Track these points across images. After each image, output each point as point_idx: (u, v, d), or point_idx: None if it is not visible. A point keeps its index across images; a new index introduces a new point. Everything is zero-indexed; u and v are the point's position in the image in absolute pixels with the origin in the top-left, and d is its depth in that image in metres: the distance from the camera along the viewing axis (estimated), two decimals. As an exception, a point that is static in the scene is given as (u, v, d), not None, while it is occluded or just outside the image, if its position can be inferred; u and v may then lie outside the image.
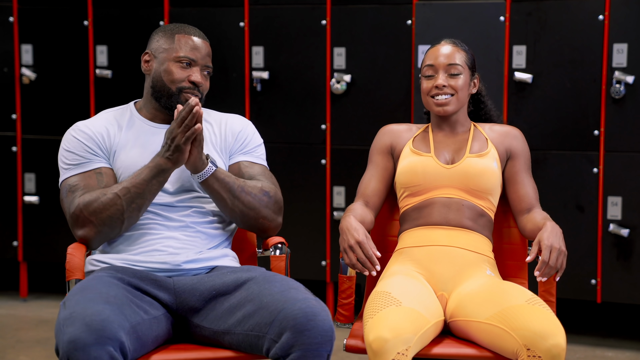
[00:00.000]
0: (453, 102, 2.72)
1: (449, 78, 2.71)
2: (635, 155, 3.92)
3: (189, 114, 2.44)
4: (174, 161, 2.47)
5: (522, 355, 2.34)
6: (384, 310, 2.39)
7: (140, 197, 2.48)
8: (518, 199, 2.75)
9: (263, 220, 2.60)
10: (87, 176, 2.55)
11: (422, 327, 2.39)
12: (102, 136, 2.60)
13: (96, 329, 2.14)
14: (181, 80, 2.60)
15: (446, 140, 2.76)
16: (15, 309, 4.66)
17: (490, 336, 2.43)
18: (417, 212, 2.71)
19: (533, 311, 2.39)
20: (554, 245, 2.52)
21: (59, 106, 4.67)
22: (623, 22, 3.89)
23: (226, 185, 2.53)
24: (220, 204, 2.56)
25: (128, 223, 2.50)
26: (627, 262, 3.95)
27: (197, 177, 2.52)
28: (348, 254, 2.55)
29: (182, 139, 2.44)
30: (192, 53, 2.61)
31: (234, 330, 2.37)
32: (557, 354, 2.31)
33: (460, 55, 2.73)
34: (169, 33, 2.64)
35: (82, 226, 2.49)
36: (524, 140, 2.80)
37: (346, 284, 2.66)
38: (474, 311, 2.48)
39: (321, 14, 4.28)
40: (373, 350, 2.33)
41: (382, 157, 2.79)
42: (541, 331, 2.33)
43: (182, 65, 2.60)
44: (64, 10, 4.63)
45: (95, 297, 2.25)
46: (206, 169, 2.51)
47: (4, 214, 4.77)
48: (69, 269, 2.47)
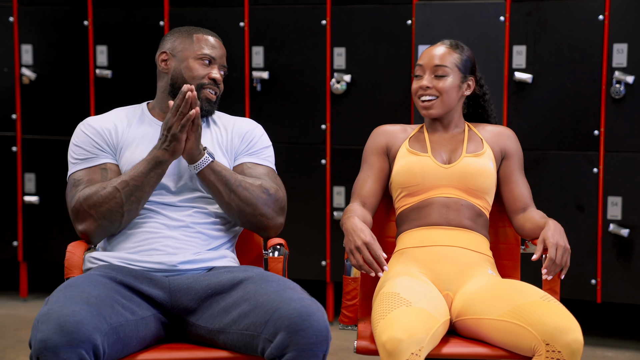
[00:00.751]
0: (437, 105, 2.72)
1: (435, 79, 2.71)
2: (635, 155, 3.92)
3: (182, 100, 2.45)
4: (170, 152, 2.48)
5: (541, 351, 2.34)
6: (395, 311, 2.39)
7: (139, 190, 2.49)
8: (513, 199, 2.76)
9: (261, 218, 2.59)
10: (92, 171, 2.57)
11: (432, 327, 2.39)
12: (109, 132, 2.62)
13: (69, 331, 2.14)
14: (202, 76, 2.64)
15: (442, 141, 2.77)
16: (15, 309, 4.67)
17: (504, 333, 2.43)
18: (415, 213, 2.71)
19: (550, 307, 2.39)
20: (559, 242, 2.55)
21: (59, 106, 4.67)
22: (623, 22, 3.89)
23: (222, 178, 2.53)
24: (217, 198, 2.56)
25: (128, 216, 2.51)
26: (627, 262, 3.95)
27: (194, 168, 2.52)
28: (355, 255, 2.52)
29: (177, 127, 2.46)
30: (213, 51, 2.67)
31: (229, 329, 2.36)
32: (577, 349, 2.32)
33: (451, 57, 2.72)
34: (186, 34, 2.68)
35: (83, 220, 2.50)
36: (517, 140, 2.80)
37: (351, 286, 2.65)
38: (485, 309, 2.49)
39: (321, 14, 4.28)
40: (387, 351, 2.32)
41: (378, 157, 2.79)
42: (560, 326, 2.34)
43: (204, 63, 2.65)
44: (64, 10, 4.63)
45: (76, 297, 2.25)
46: (202, 159, 2.51)
47: (4, 214, 4.77)
48: (67, 266, 2.49)
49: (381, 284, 2.62)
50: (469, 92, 2.78)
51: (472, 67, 2.78)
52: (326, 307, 4.39)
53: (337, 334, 4.06)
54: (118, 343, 2.27)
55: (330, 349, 3.98)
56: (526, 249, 2.80)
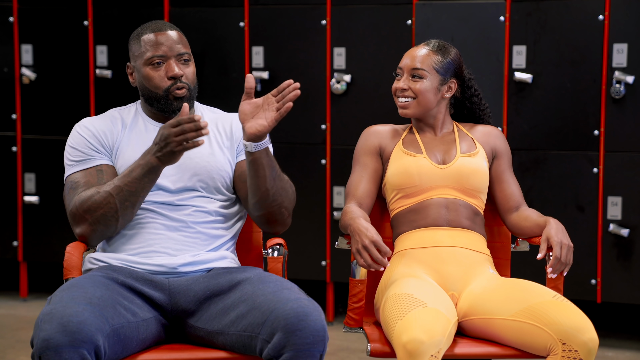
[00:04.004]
0: (413, 106, 2.72)
1: (412, 81, 2.72)
2: (635, 155, 3.92)
3: (191, 122, 2.35)
4: (164, 162, 2.42)
5: (556, 350, 2.36)
6: (413, 312, 2.38)
7: (133, 195, 2.46)
8: (505, 198, 2.77)
9: (284, 210, 2.56)
10: (89, 173, 2.55)
11: (447, 327, 2.39)
12: (104, 133, 2.60)
13: (71, 331, 2.15)
14: (161, 80, 2.56)
15: (433, 141, 2.77)
16: (15, 309, 4.67)
17: (517, 333, 2.44)
18: (413, 214, 2.70)
19: (563, 307, 2.41)
20: (563, 241, 2.58)
21: (59, 106, 4.67)
22: (623, 22, 3.89)
23: (271, 162, 2.49)
24: (259, 182, 2.48)
25: (123, 220, 2.49)
26: (627, 262, 3.95)
27: (253, 147, 2.44)
28: (362, 254, 2.50)
29: (177, 147, 2.37)
30: (160, 49, 2.56)
31: (227, 330, 2.36)
32: (593, 348, 2.35)
33: (429, 60, 2.71)
34: (137, 38, 2.61)
35: (79, 224, 2.49)
36: (506, 140, 2.83)
37: (357, 288, 2.64)
38: (496, 309, 2.49)
39: (321, 14, 4.28)
40: (408, 352, 2.31)
41: (371, 158, 2.78)
42: (576, 325, 2.36)
43: (155, 66, 2.57)
44: (64, 10, 4.63)
45: (79, 297, 2.26)
46: (265, 140, 2.46)
47: (4, 214, 4.77)
48: (66, 267, 2.48)
49: (385, 286, 2.61)
50: (450, 94, 2.76)
51: (456, 69, 2.76)
52: (326, 307, 4.39)
53: (335, 334, 4.05)
54: (118, 344, 2.27)
55: (330, 349, 3.99)
56: (516, 247, 2.81)
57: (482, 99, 2.86)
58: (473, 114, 2.85)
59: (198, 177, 2.58)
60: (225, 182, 2.62)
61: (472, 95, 2.83)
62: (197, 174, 2.58)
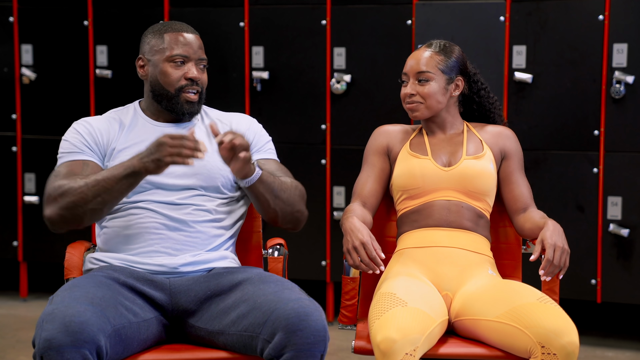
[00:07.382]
0: (422, 109, 2.72)
1: (418, 85, 2.71)
2: (635, 155, 3.92)
3: (193, 143, 2.34)
4: (148, 168, 2.38)
5: (536, 353, 2.35)
6: (390, 311, 2.39)
7: (107, 193, 2.42)
8: (513, 199, 2.75)
9: (297, 214, 2.59)
10: (74, 164, 2.53)
11: (428, 327, 2.39)
12: (101, 133, 2.60)
13: (73, 331, 2.15)
14: (178, 79, 2.59)
15: (441, 143, 2.76)
16: (15, 309, 4.67)
17: (501, 334, 2.43)
18: (416, 215, 2.71)
19: (546, 309, 2.40)
20: (557, 243, 2.55)
21: (59, 106, 4.67)
22: (623, 22, 3.89)
23: (269, 186, 2.52)
24: (263, 206, 2.55)
25: (91, 216, 2.45)
26: (627, 262, 3.95)
27: (245, 183, 2.49)
28: (352, 255, 2.54)
29: (167, 156, 2.35)
30: (184, 49, 2.60)
31: (228, 330, 2.36)
32: (572, 352, 2.33)
33: (433, 61, 2.71)
34: (158, 33, 2.62)
35: (49, 205, 2.47)
36: (517, 140, 2.80)
37: (350, 285, 2.66)
38: (482, 310, 2.49)
39: (321, 14, 4.28)
40: (381, 351, 2.33)
41: (379, 157, 2.79)
42: (556, 329, 2.34)
43: (177, 64, 2.59)
44: (64, 10, 4.63)
45: (81, 297, 2.26)
46: (254, 174, 2.49)
47: (4, 214, 4.77)
48: (67, 267, 2.49)
49: (380, 285, 2.62)
50: (457, 92, 2.76)
51: (461, 67, 2.77)
52: (326, 307, 4.39)
53: (336, 334, 4.05)
54: (119, 345, 2.27)
55: (330, 349, 3.99)
56: (527, 249, 2.80)
57: (489, 92, 2.85)
58: (483, 107, 2.84)
59: (198, 175, 2.59)
60: (224, 181, 2.62)
61: (480, 89, 2.83)
62: (197, 173, 2.58)
